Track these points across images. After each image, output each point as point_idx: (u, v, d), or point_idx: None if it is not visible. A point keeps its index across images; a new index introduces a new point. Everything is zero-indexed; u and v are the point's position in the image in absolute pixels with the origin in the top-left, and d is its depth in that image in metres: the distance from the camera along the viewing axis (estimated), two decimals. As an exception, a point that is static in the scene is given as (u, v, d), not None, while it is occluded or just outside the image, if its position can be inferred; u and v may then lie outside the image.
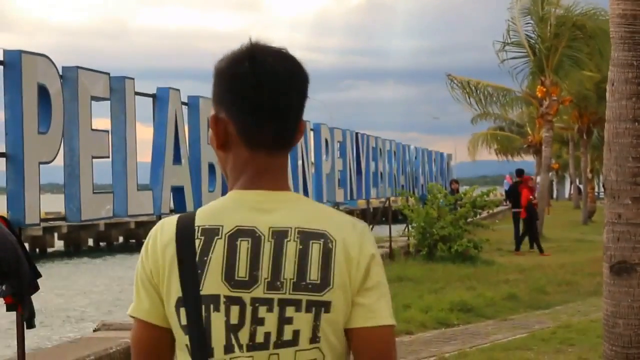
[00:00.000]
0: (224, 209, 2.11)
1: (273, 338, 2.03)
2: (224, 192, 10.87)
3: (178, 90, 9.98)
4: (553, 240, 24.69)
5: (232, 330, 2.03)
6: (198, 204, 10.12)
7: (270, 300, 2.03)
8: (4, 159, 7.29)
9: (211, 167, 10.62)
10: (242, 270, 2.03)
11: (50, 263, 35.00)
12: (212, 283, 2.03)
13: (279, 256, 2.04)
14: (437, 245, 21.00)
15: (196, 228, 2.07)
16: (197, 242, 2.06)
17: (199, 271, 2.04)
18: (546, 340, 10.89)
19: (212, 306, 2.03)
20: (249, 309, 2.03)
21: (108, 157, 8.73)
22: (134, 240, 47.54)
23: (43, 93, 7.62)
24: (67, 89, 8.02)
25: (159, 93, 9.73)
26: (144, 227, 45.81)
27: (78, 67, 8.20)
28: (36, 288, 6.92)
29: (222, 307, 2.03)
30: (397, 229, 25.26)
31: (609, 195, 6.59)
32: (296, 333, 2.03)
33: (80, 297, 24.92)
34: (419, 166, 25.14)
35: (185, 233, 2.08)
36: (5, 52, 7.37)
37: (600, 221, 11.04)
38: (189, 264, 2.05)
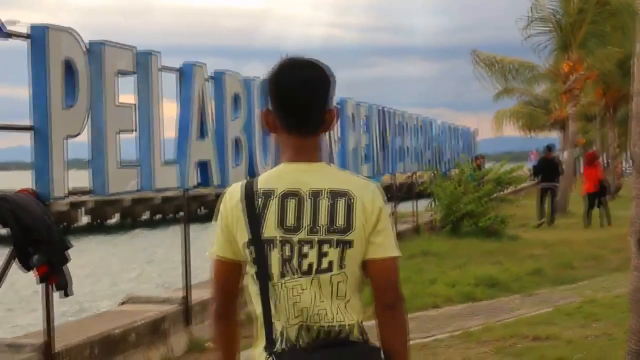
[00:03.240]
0: (276, 176, 2.96)
1: (315, 267, 2.88)
2: (249, 167, 10.94)
3: (203, 65, 9.97)
4: (579, 215, 24.54)
5: (285, 261, 2.88)
6: (224, 178, 10.16)
7: (311, 241, 2.88)
8: (31, 132, 7.33)
9: (236, 142, 10.63)
10: (290, 220, 2.89)
11: (77, 238, 35.20)
12: (270, 229, 2.89)
13: (317, 209, 2.89)
14: (462, 220, 20.96)
15: (258, 190, 2.93)
16: (258, 200, 2.91)
17: (261, 222, 2.89)
18: (571, 315, 10.85)
19: (271, 245, 2.89)
20: (296, 247, 2.88)
21: (133, 131, 8.75)
22: (159, 216, 47.71)
23: (69, 67, 7.64)
24: (93, 63, 8.03)
25: (184, 68, 9.73)
26: (170, 202, 45.97)
27: (104, 42, 8.21)
28: (66, 260, 6.96)
29: (278, 246, 2.89)
30: (422, 204, 25.21)
31: (636, 168, 6.54)
32: (330, 263, 2.89)
33: (108, 270, 25.08)
34: (445, 141, 25.05)
35: (248, 195, 2.93)
36: (32, 26, 7.38)
37: (626, 197, 10.98)
38: (253, 217, 2.90)
